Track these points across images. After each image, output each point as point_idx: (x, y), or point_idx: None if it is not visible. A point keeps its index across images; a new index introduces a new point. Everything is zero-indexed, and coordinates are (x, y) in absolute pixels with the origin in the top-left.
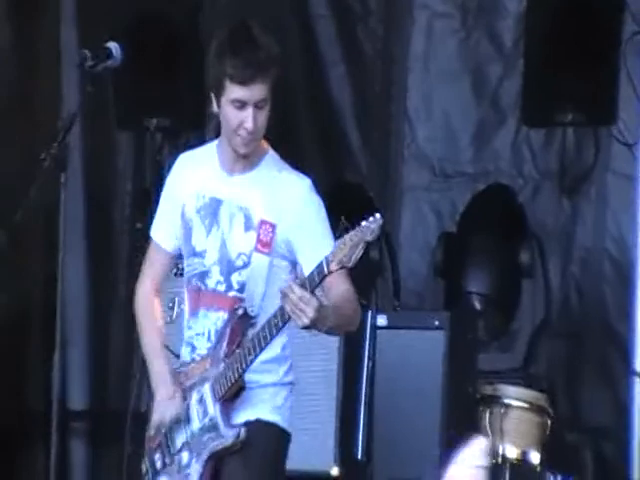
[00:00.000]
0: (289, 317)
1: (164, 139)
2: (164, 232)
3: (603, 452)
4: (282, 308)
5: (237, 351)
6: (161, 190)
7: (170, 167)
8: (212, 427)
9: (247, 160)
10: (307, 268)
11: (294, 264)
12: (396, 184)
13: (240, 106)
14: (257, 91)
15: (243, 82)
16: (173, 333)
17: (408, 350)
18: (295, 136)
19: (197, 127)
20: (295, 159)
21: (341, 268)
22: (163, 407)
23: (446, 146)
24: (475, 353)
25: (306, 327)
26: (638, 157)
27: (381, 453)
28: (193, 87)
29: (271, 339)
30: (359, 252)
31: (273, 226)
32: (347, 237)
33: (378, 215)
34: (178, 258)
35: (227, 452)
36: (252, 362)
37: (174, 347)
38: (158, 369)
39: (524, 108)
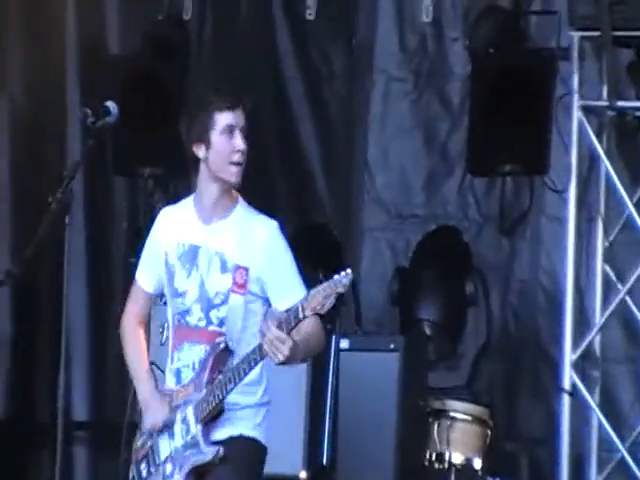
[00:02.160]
0: (266, 354)
1: (155, 185)
2: (146, 276)
3: (537, 458)
4: (260, 346)
5: (218, 379)
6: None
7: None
8: (194, 444)
9: (220, 210)
10: (277, 303)
11: (266, 300)
12: (357, 224)
13: (230, 132)
14: (241, 116)
15: (230, 107)
16: (164, 354)
17: (368, 369)
18: (268, 182)
19: (184, 175)
20: (268, 202)
21: (314, 314)
22: (152, 416)
23: (401, 192)
24: (425, 372)
25: (281, 363)
26: (567, 202)
27: (344, 459)
28: (181, 140)
29: (249, 371)
30: (331, 302)
31: (246, 269)
32: (321, 287)
33: (349, 270)
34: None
35: (207, 466)
36: (231, 390)
37: (162, 366)
38: (144, 387)
39: (469, 159)
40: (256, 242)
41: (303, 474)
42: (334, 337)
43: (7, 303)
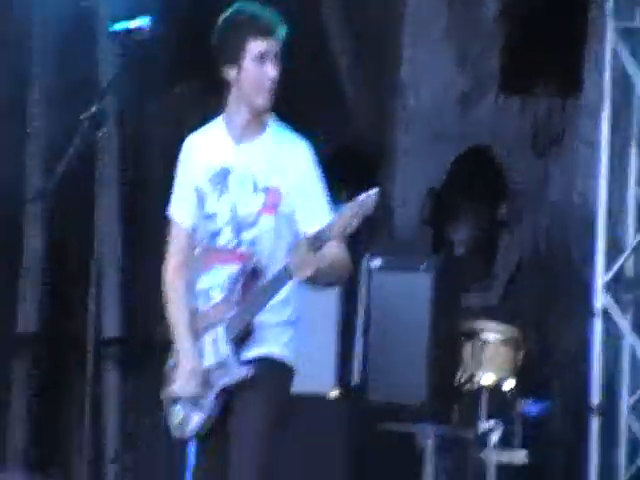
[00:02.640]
0: (292, 273)
1: (194, 103)
2: (181, 210)
3: (568, 380)
4: (287, 265)
5: (248, 299)
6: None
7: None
8: (223, 365)
9: (253, 128)
10: (305, 225)
11: (296, 224)
12: (391, 145)
13: (262, 60)
14: (274, 43)
15: (264, 35)
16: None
17: (400, 289)
18: (301, 101)
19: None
20: (301, 121)
21: (340, 235)
22: (184, 380)
23: (434, 113)
24: (458, 292)
25: (306, 282)
26: (600, 125)
27: (375, 379)
28: (213, 56)
29: (277, 291)
30: (357, 222)
31: (278, 190)
32: (347, 208)
33: (375, 190)
34: None
35: (236, 387)
36: (260, 310)
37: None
38: (184, 345)
39: (502, 80)
40: (287, 163)
41: (334, 393)
42: (367, 256)
43: (39, 220)
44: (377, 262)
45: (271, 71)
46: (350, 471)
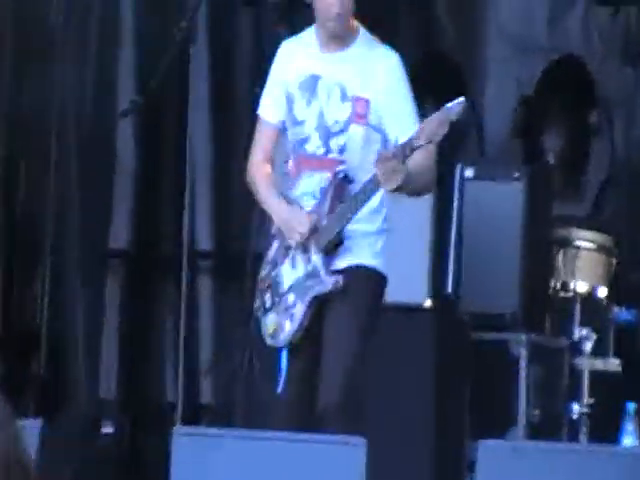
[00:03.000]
0: (380, 182)
1: (280, 15)
2: (269, 109)
3: None
4: (375, 175)
5: (339, 208)
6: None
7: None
8: (314, 274)
9: (342, 39)
10: (394, 135)
11: (385, 135)
12: (481, 55)
13: None
14: None
15: None
16: (288, 184)
17: (492, 198)
18: (391, 10)
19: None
20: (391, 30)
21: (428, 142)
22: (297, 225)
23: (524, 23)
24: (550, 201)
25: (394, 190)
26: None
27: (468, 288)
28: None
29: (367, 201)
30: (444, 130)
31: (367, 101)
32: (434, 116)
33: (462, 98)
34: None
35: (328, 296)
36: (351, 220)
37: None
38: (279, 209)
39: None
40: (377, 74)
41: (428, 302)
42: (459, 165)
43: (131, 133)
44: (469, 172)
45: (336, 6)
46: (443, 381)
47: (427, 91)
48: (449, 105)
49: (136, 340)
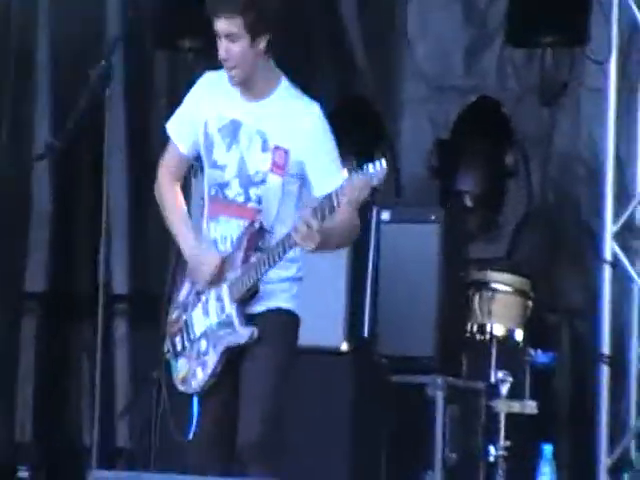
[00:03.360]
0: (297, 242)
1: (196, 58)
2: (181, 135)
3: (578, 330)
4: (291, 234)
5: (252, 260)
6: None
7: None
8: (229, 324)
9: (259, 89)
10: (316, 189)
11: (304, 182)
12: (397, 96)
13: (218, 37)
14: (223, 24)
15: (213, 14)
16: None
17: (408, 241)
18: (309, 54)
19: None
20: (309, 74)
21: (348, 204)
22: (203, 267)
23: (440, 63)
24: (466, 243)
25: (310, 251)
26: (608, 73)
27: (385, 331)
28: None
29: (283, 255)
30: (364, 194)
31: (286, 151)
32: (356, 179)
33: (384, 163)
34: (195, 160)
35: (241, 347)
36: (266, 272)
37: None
38: (188, 242)
39: (509, 30)
40: (299, 125)
41: (344, 346)
42: (375, 209)
43: (47, 177)
44: (385, 214)
45: (220, 51)
46: (360, 423)
47: (346, 134)
48: (371, 170)
49: (52, 383)
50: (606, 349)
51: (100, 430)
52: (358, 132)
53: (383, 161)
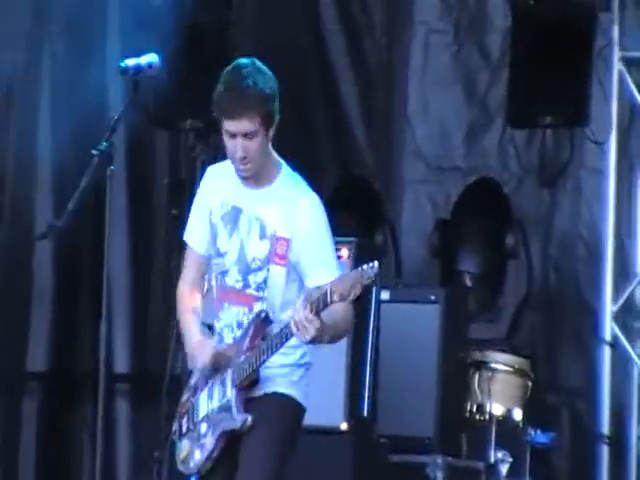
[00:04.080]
0: (293, 333)
1: (196, 138)
2: (196, 237)
3: (577, 410)
4: (289, 324)
5: (256, 348)
6: (193, 182)
7: (202, 165)
8: (227, 408)
9: (259, 178)
10: (309, 280)
11: (301, 276)
12: (397, 177)
13: (231, 136)
14: (242, 125)
15: (229, 117)
16: (204, 306)
17: (408, 321)
18: (309, 134)
19: None
20: (309, 154)
21: (342, 300)
22: (202, 352)
23: (441, 144)
24: (466, 324)
25: (307, 342)
26: (608, 153)
27: (384, 411)
28: None
29: (281, 346)
30: (357, 291)
31: (287, 240)
32: (349, 275)
33: (376, 263)
34: None
35: (236, 432)
36: (265, 361)
37: (204, 319)
38: (193, 334)
39: (509, 112)
40: (298, 215)
41: (344, 425)
42: (374, 289)
43: (49, 256)
44: (385, 294)
45: (238, 152)
46: None
47: (346, 214)
48: (364, 267)
49: (53, 463)
50: (606, 429)
51: None
52: (358, 212)
53: (376, 262)
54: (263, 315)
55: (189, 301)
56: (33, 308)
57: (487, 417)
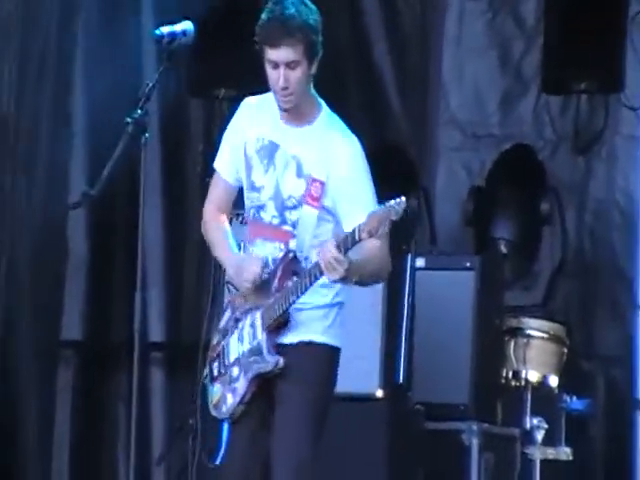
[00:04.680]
0: (322, 271)
1: (230, 107)
2: (226, 164)
3: (613, 377)
4: (318, 263)
5: (285, 288)
6: None
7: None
8: (258, 351)
9: (300, 115)
10: (346, 221)
11: (337, 217)
12: (432, 144)
13: (274, 66)
14: (285, 53)
15: (272, 45)
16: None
17: (443, 289)
18: (343, 101)
19: None
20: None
21: (370, 237)
22: (248, 269)
23: (476, 111)
24: (501, 291)
25: (336, 281)
26: None
27: (419, 378)
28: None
29: (310, 285)
30: (385, 227)
31: (322, 183)
32: (376, 212)
33: (403, 198)
34: (242, 208)
35: (268, 375)
36: (294, 302)
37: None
38: (230, 260)
39: (544, 78)
40: (336, 159)
41: (380, 393)
42: (409, 256)
43: (84, 224)
44: (420, 262)
45: (280, 81)
46: (395, 470)
47: (380, 182)
48: (391, 203)
49: (88, 431)
50: None
51: (137, 477)
52: (392, 179)
53: (403, 197)
54: (291, 255)
55: (218, 220)
56: (68, 277)
57: (522, 384)
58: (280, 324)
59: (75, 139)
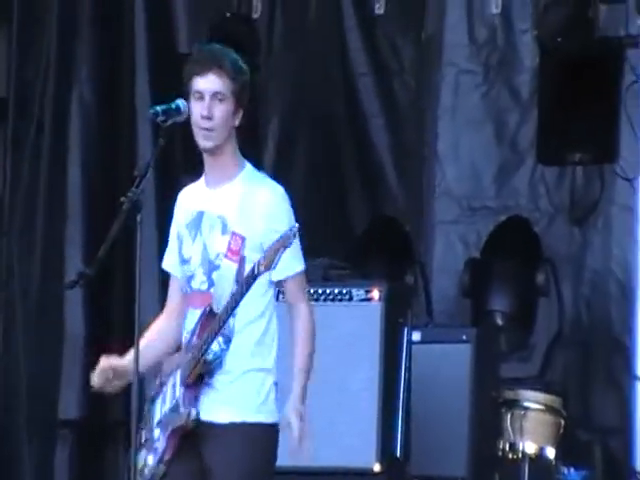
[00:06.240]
0: (238, 300)
1: None
2: (170, 260)
3: (611, 447)
4: (234, 294)
5: (199, 339)
6: None
7: None
8: (176, 407)
9: (224, 174)
10: (273, 275)
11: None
12: (428, 217)
13: (199, 97)
14: (212, 81)
15: (199, 72)
16: None
17: (439, 361)
18: (340, 175)
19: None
20: (340, 195)
21: (267, 270)
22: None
23: (471, 184)
24: (498, 363)
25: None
26: (638, 190)
27: (417, 451)
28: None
29: (223, 326)
30: (279, 256)
31: (242, 238)
32: (271, 246)
33: (296, 225)
34: None
35: (184, 430)
36: (207, 349)
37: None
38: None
39: (539, 150)
40: (256, 208)
41: (377, 467)
42: (406, 329)
43: (80, 304)
44: (417, 335)
45: (204, 110)
46: None
47: (376, 255)
48: (284, 233)
49: None
50: (639, 466)
51: None
52: (389, 252)
53: (296, 224)
54: (208, 309)
55: (151, 333)
56: (65, 355)
57: (520, 456)
58: (196, 377)
59: (70, 217)
